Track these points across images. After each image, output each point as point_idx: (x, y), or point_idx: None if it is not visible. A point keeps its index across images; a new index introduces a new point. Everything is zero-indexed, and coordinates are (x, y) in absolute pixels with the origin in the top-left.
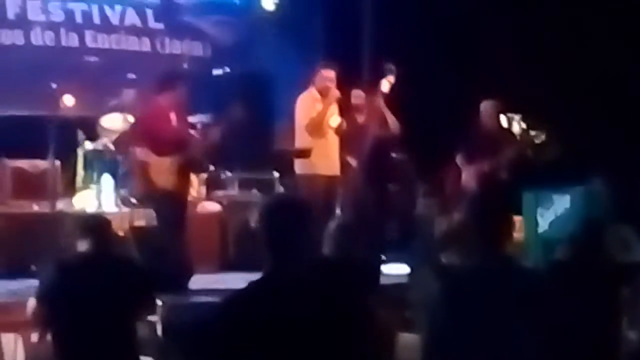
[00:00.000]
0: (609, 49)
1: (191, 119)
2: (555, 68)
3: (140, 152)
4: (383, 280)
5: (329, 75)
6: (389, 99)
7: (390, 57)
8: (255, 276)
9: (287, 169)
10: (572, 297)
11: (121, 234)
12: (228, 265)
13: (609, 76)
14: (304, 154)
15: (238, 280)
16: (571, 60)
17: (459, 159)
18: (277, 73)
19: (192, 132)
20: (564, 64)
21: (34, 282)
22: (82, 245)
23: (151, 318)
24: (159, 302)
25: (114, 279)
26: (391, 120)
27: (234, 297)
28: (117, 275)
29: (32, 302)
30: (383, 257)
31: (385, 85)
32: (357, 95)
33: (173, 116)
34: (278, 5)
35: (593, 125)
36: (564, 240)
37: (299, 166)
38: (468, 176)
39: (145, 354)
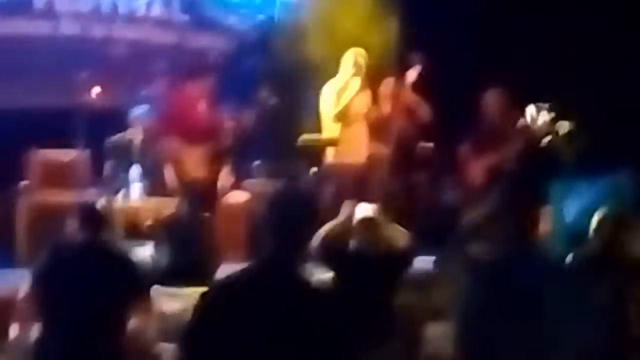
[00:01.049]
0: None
1: (220, 108)
2: (583, 57)
3: (171, 142)
4: (411, 270)
5: (357, 62)
6: (417, 88)
7: (418, 45)
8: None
9: (316, 158)
10: (598, 289)
11: (149, 223)
12: (256, 255)
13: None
14: (332, 142)
15: None
16: (599, 50)
17: (464, 151)
18: (305, 63)
19: (222, 121)
20: (592, 54)
21: None
22: (76, 234)
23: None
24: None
25: (103, 268)
26: (422, 107)
27: (222, 284)
28: (107, 265)
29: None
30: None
31: (412, 75)
32: (387, 84)
33: (203, 105)
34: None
35: (622, 115)
36: (590, 232)
37: (328, 153)
38: (477, 168)
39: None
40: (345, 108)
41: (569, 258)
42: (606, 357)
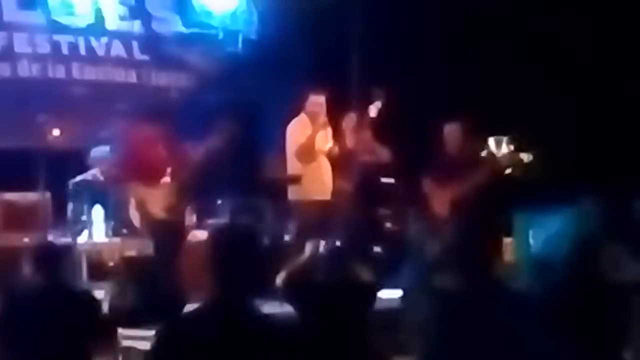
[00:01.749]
0: (599, 68)
1: (181, 147)
2: (541, 88)
3: (132, 183)
4: (377, 304)
5: (317, 100)
6: (378, 123)
7: (378, 82)
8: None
9: (279, 196)
10: (565, 317)
11: (112, 264)
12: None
13: (598, 95)
14: (296, 180)
15: None
16: (558, 79)
17: (425, 184)
18: (266, 100)
19: (183, 160)
20: (551, 84)
21: None
22: (35, 275)
23: (144, 347)
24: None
25: (63, 309)
26: (379, 147)
27: (173, 324)
28: (67, 305)
29: None
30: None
31: (373, 110)
32: (348, 120)
33: (162, 145)
34: (263, 35)
35: (583, 144)
36: (556, 261)
37: (291, 192)
38: (440, 201)
39: None
40: (307, 147)
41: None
42: None
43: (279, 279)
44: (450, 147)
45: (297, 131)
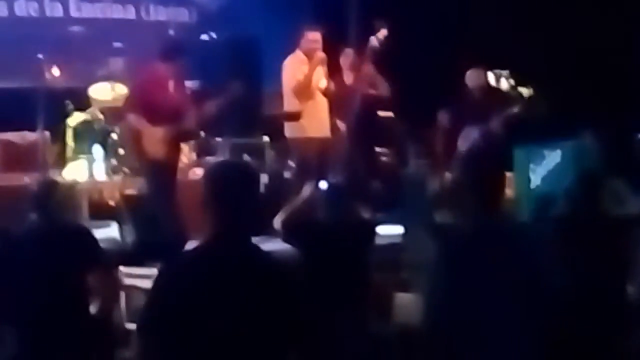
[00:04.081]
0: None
1: (186, 87)
2: (542, 22)
3: (135, 121)
4: (378, 241)
5: (314, 37)
6: (379, 57)
7: (379, 15)
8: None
9: (277, 133)
10: (568, 252)
11: (112, 202)
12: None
13: (598, 29)
14: (293, 117)
15: None
16: (559, 13)
17: (446, 120)
18: (264, 37)
19: (187, 101)
20: (551, 18)
21: None
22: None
23: (146, 286)
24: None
25: (61, 245)
26: (380, 81)
27: (173, 263)
28: (65, 241)
29: None
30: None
31: (375, 42)
32: (346, 56)
33: (172, 86)
34: None
35: (583, 78)
36: (557, 196)
37: (289, 129)
38: (460, 136)
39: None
40: (304, 83)
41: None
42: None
43: (279, 219)
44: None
45: (293, 68)
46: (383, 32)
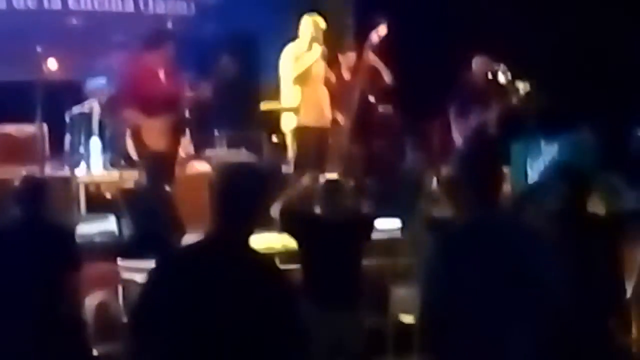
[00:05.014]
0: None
1: (180, 77)
2: (539, 16)
3: (129, 114)
4: (376, 235)
5: (315, 26)
6: (379, 51)
7: (379, 9)
8: None
9: (275, 126)
10: (564, 246)
11: (110, 195)
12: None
13: (595, 24)
14: (293, 108)
15: None
16: (555, 6)
17: (450, 113)
18: (263, 29)
19: (181, 91)
20: (550, 12)
21: None
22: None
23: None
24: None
25: (44, 242)
26: (384, 71)
27: (171, 257)
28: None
29: None
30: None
31: (375, 37)
32: (346, 48)
33: (162, 76)
34: None
35: (581, 72)
36: (553, 190)
37: (288, 119)
38: (459, 130)
39: None
40: (304, 72)
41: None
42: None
43: (276, 208)
44: (477, 79)
45: (293, 57)
46: (383, 28)
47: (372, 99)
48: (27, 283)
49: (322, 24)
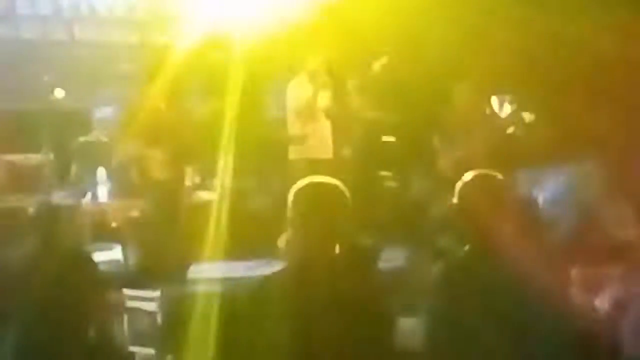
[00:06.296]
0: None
1: (181, 108)
2: (544, 47)
3: (133, 144)
4: (380, 265)
5: (318, 60)
6: (381, 82)
7: (379, 42)
8: (251, 264)
9: (282, 155)
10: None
11: (115, 225)
12: (225, 254)
13: (601, 57)
14: (297, 139)
15: (236, 269)
16: (561, 38)
17: (437, 142)
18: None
19: (185, 120)
20: (554, 43)
21: None
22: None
23: (150, 308)
24: (157, 292)
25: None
26: (383, 105)
27: (261, 284)
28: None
29: None
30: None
31: (375, 68)
32: (349, 79)
33: (163, 107)
34: None
35: (585, 104)
36: (558, 220)
37: (293, 151)
38: (452, 160)
39: (145, 345)
40: (308, 105)
41: None
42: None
43: (282, 241)
44: (463, 107)
45: (297, 91)
46: (381, 62)
47: (375, 129)
48: (43, 308)
49: (327, 56)
